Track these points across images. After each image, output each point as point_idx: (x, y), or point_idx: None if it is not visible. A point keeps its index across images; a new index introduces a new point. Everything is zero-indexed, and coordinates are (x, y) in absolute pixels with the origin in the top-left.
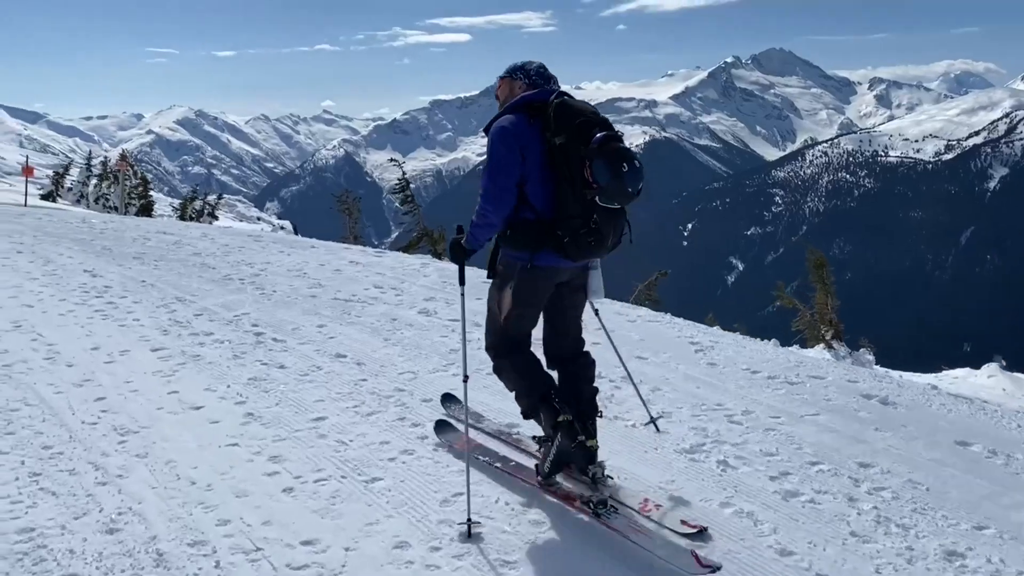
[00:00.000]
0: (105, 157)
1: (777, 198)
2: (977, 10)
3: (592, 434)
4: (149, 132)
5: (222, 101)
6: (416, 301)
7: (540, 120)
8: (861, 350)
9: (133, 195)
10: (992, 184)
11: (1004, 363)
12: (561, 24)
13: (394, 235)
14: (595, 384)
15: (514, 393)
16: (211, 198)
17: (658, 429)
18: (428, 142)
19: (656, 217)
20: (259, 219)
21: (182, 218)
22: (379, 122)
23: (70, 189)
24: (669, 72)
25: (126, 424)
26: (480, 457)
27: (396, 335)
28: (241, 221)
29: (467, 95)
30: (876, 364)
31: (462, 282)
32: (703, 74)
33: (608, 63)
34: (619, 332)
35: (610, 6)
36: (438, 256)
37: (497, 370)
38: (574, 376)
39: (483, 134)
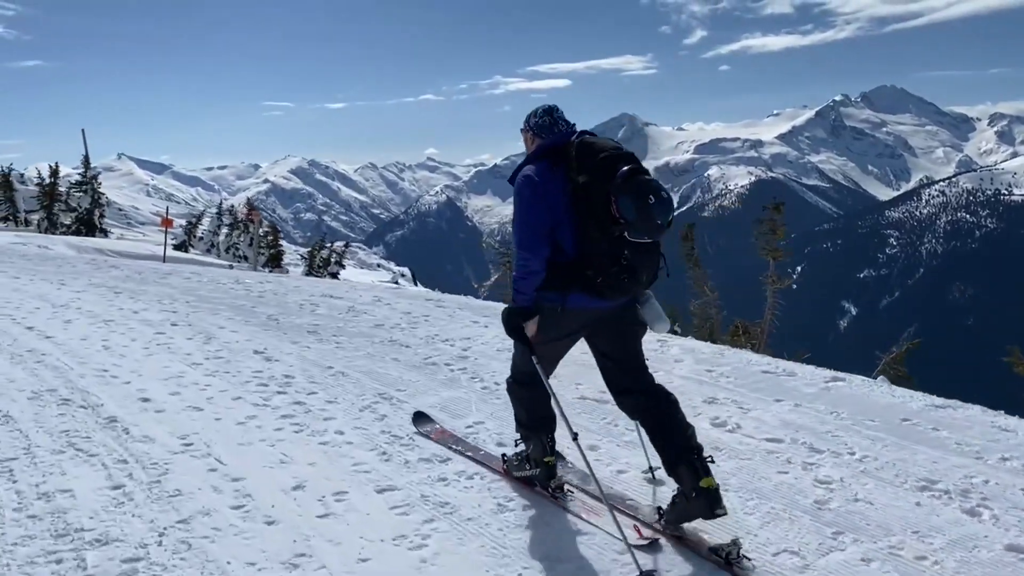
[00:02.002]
0: (232, 205)
1: (891, 239)
2: None
3: (706, 471)
4: (265, 181)
5: (333, 151)
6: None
7: (563, 163)
8: None
9: (263, 244)
10: None
11: None
12: (662, 66)
13: (493, 278)
14: (688, 421)
15: (514, 414)
16: (338, 245)
17: (654, 477)
18: None
19: (764, 260)
20: (379, 266)
21: (311, 267)
22: (480, 167)
23: (201, 238)
24: (775, 112)
25: None
26: (453, 446)
27: None
28: (362, 268)
29: None
30: None
31: (532, 352)
32: (811, 113)
33: (711, 104)
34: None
35: (712, 47)
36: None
37: (510, 390)
38: (659, 415)
39: (511, 185)
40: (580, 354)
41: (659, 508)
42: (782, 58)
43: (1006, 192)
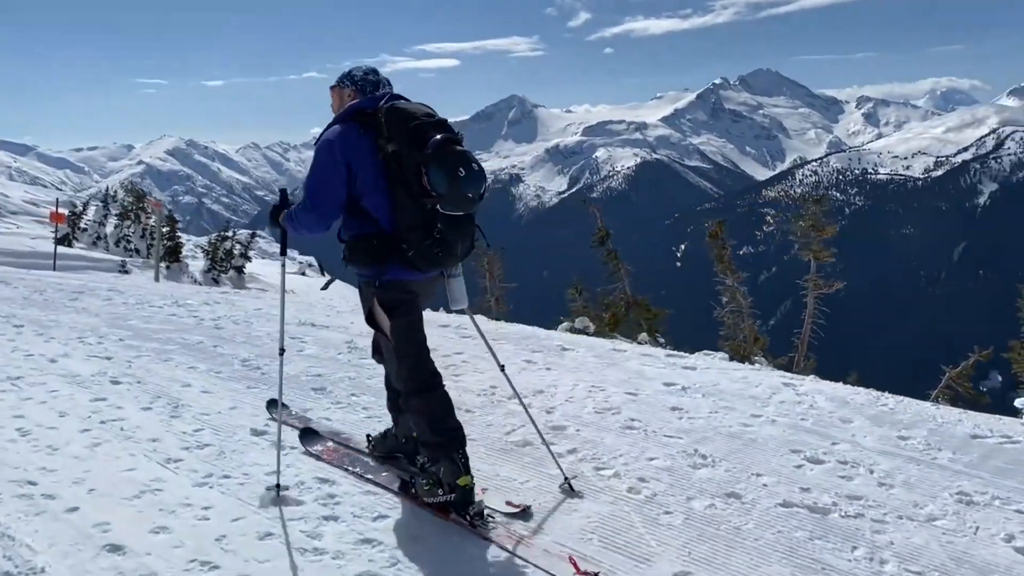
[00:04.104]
0: (115, 191)
1: (768, 217)
2: (960, 28)
3: (466, 469)
4: (140, 163)
5: (212, 130)
6: None
7: (372, 128)
8: None
9: (165, 238)
10: (982, 200)
11: (1000, 379)
12: (549, 48)
13: None
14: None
15: (416, 435)
16: (243, 235)
17: (572, 488)
18: None
19: (649, 239)
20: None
21: (213, 261)
22: None
23: (85, 230)
24: (658, 94)
25: None
26: (349, 468)
27: None
28: (264, 258)
29: (457, 120)
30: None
31: (283, 252)
32: (692, 96)
33: (597, 86)
34: None
35: (597, 30)
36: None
37: (406, 407)
38: (443, 398)
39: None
40: None
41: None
42: (664, 41)
43: (872, 171)
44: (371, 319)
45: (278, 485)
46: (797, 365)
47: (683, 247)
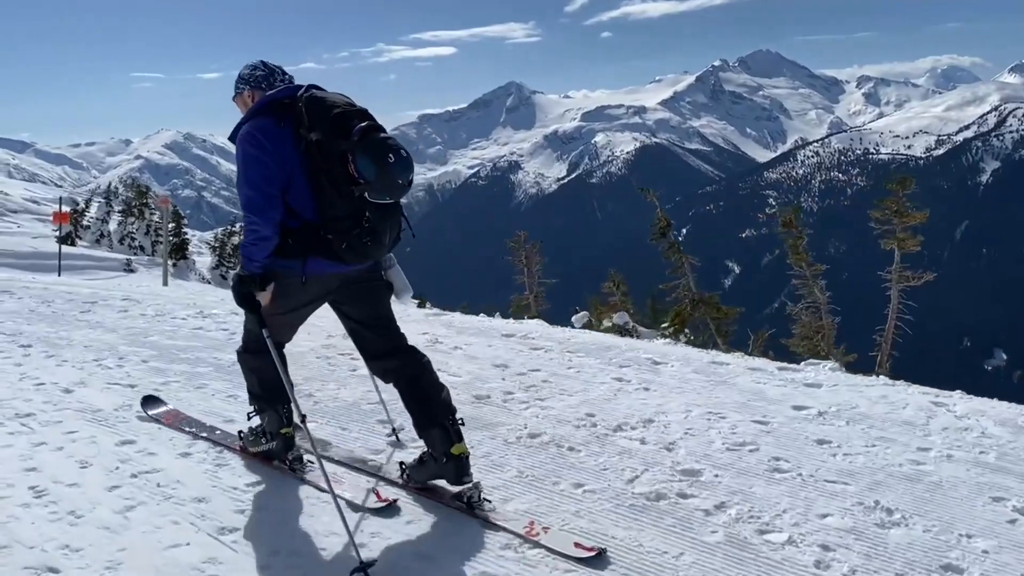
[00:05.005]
0: (117, 188)
1: (771, 199)
2: (959, 5)
3: (459, 437)
4: (138, 157)
5: (210, 123)
6: None
7: (291, 118)
8: None
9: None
10: (984, 178)
11: (1005, 357)
12: (545, 34)
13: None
14: (441, 383)
15: (246, 385)
16: None
17: (398, 440)
18: (418, 156)
19: (650, 223)
20: None
21: (220, 257)
22: None
23: (88, 227)
24: (657, 78)
25: None
26: (187, 428)
27: None
28: None
29: (455, 108)
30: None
31: (263, 324)
32: (691, 79)
33: (596, 71)
34: None
35: (593, 14)
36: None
37: (240, 359)
38: (412, 377)
39: (232, 143)
40: None
41: (402, 463)
42: (662, 24)
43: (874, 151)
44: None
45: (362, 565)
46: (880, 366)
47: (684, 231)
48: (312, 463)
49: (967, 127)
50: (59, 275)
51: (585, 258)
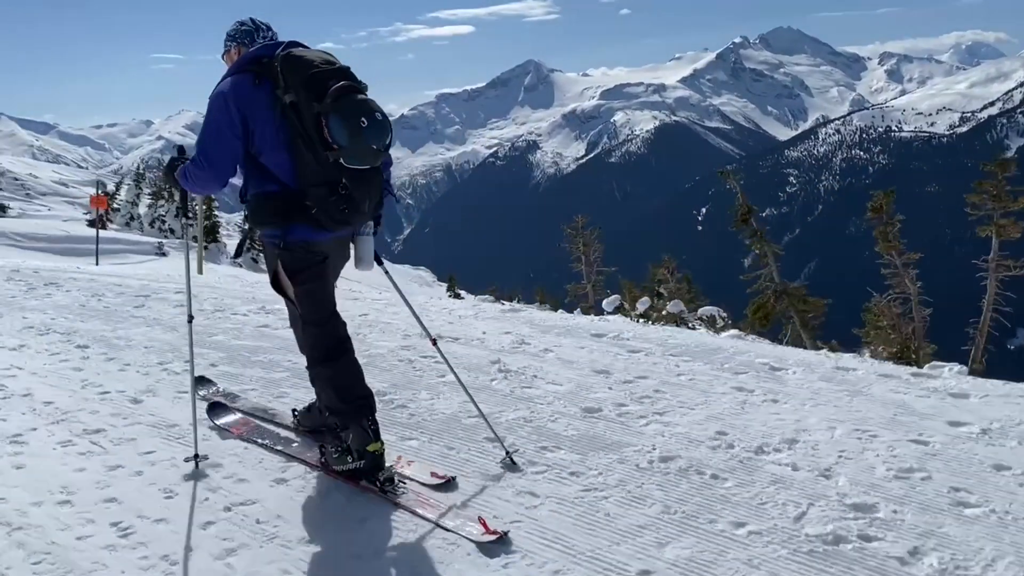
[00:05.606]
0: (141, 169)
1: (791, 178)
2: None
3: (376, 436)
4: (159, 138)
5: None
6: None
7: (269, 79)
8: None
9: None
10: (1009, 155)
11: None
12: (564, 11)
13: (407, 231)
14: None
15: (324, 402)
16: None
17: (514, 463)
18: (436, 136)
19: (670, 202)
20: None
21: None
22: None
23: (117, 210)
24: (677, 55)
25: None
26: (261, 441)
27: None
28: None
29: (473, 87)
30: None
31: (185, 213)
32: (711, 56)
33: (615, 49)
34: None
35: None
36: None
37: (312, 376)
38: (351, 365)
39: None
40: None
41: (321, 446)
42: (681, 0)
43: (896, 129)
44: (276, 283)
45: None
46: (975, 361)
47: (704, 210)
48: (404, 484)
49: (991, 104)
50: (96, 263)
51: (604, 239)
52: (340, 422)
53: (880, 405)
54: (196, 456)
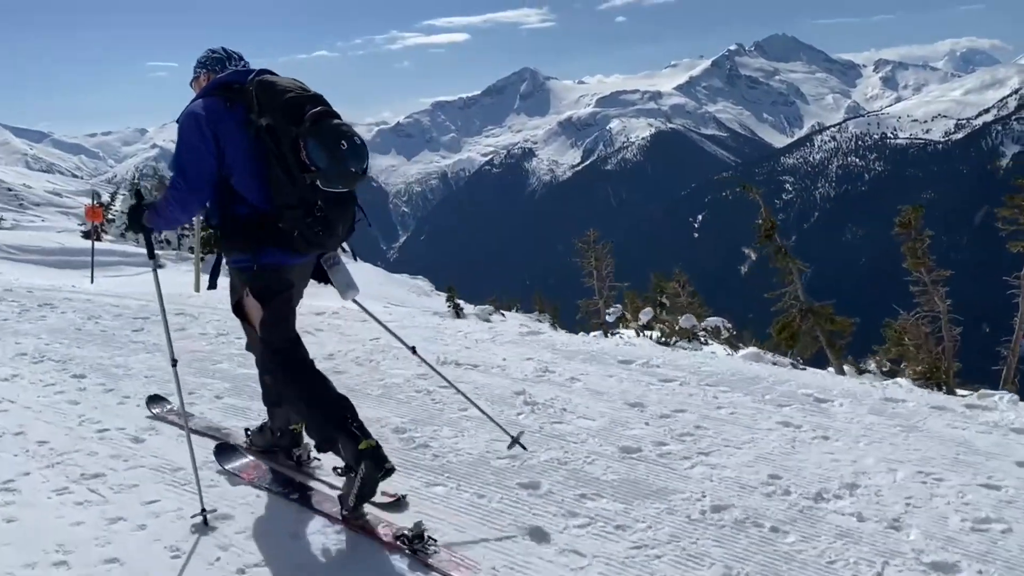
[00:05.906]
0: (135, 177)
1: (787, 185)
2: None
3: (364, 434)
4: (154, 146)
5: None
6: None
7: (241, 103)
8: None
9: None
10: (1004, 162)
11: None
12: (559, 19)
13: (402, 239)
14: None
15: (303, 425)
16: None
17: (524, 447)
18: (432, 144)
19: (666, 210)
20: None
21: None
22: (382, 126)
23: (112, 220)
24: (672, 63)
25: None
26: (274, 488)
27: None
28: None
29: (469, 95)
30: None
31: (151, 255)
32: (707, 63)
33: (610, 56)
34: None
35: None
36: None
37: (277, 402)
38: (316, 375)
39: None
40: None
41: (247, 429)
42: (677, 8)
43: (891, 136)
44: (239, 309)
45: None
46: (1006, 382)
47: (700, 218)
48: (435, 542)
49: (987, 111)
50: (92, 282)
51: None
52: (324, 438)
53: (939, 443)
54: (203, 511)
